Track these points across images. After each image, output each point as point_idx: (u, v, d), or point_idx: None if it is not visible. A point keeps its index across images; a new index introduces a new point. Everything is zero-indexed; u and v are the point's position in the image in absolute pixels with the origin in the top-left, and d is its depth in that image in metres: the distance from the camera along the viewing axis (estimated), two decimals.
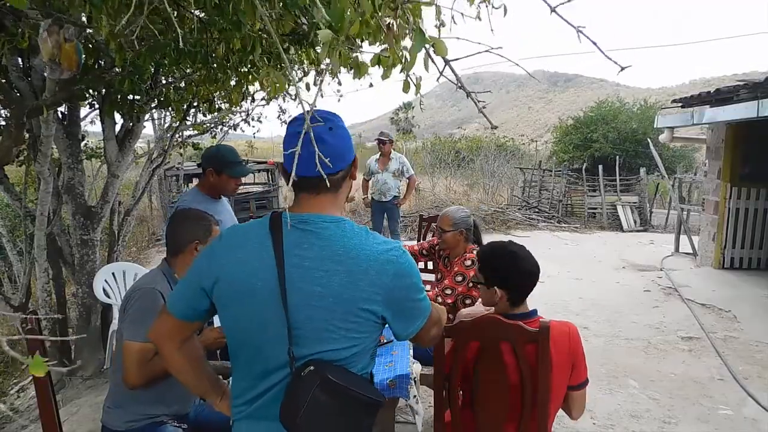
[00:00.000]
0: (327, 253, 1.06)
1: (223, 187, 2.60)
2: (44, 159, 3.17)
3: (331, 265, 1.05)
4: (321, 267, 1.05)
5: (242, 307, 1.07)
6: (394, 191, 5.96)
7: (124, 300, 1.74)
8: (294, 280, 1.04)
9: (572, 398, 1.68)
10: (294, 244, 1.06)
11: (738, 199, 6.19)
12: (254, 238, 1.09)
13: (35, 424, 3.15)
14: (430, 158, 15.52)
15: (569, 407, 1.71)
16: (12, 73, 2.88)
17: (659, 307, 5.10)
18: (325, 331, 1.05)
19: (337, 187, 1.13)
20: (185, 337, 1.19)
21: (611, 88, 61.24)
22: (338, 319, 1.05)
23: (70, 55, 1.92)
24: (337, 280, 1.04)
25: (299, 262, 1.05)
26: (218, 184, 2.58)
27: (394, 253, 1.10)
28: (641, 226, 11.25)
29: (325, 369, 1.03)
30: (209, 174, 2.57)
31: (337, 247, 1.06)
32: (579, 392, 1.68)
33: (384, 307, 1.08)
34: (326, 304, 1.04)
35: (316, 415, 1.00)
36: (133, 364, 1.60)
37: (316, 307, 1.04)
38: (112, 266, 3.76)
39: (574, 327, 1.66)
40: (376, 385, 1.87)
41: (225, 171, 2.54)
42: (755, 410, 3.09)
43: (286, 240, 1.07)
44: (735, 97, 5.26)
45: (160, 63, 2.95)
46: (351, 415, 1.06)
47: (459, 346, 1.65)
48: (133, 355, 1.61)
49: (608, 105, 20.87)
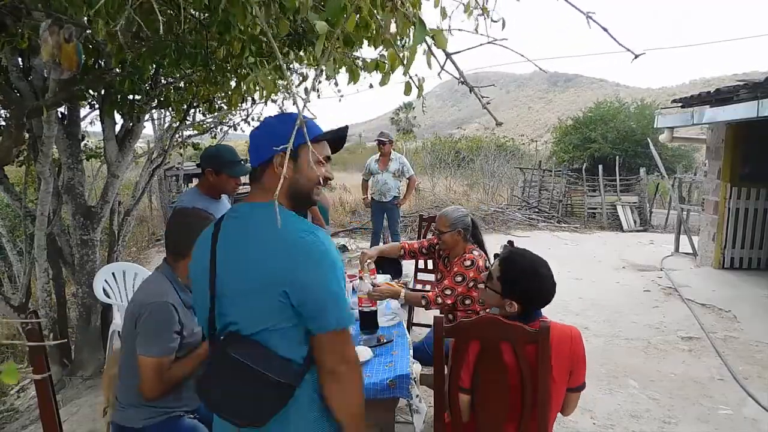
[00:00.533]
0: (242, 237, 1.17)
1: (223, 187, 2.60)
2: (45, 159, 3.17)
3: (244, 247, 1.15)
4: (237, 250, 1.17)
5: (195, 291, 1.27)
6: (394, 191, 5.96)
7: (135, 312, 1.73)
8: (220, 266, 1.19)
9: (568, 398, 1.70)
10: (224, 233, 1.21)
11: (738, 199, 6.19)
12: (206, 232, 1.27)
13: (35, 424, 3.15)
14: (430, 158, 15.53)
15: (563, 406, 1.72)
16: (12, 73, 2.88)
17: (659, 307, 5.10)
18: (235, 305, 1.16)
19: (258, 179, 1.23)
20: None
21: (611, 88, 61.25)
22: (249, 297, 1.14)
23: (70, 55, 1.91)
24: (251, 262, 1.14)
25: (224, 248, 1.19)
26: (218, 184, 2.59)
27: (303, 236, 1.12)
28: (641, 226, 11.25)
29: (230, 343, 1.14)
30: (208, 174, 2.57)
31: (251, 230, 1.16)
32: (575, 394, 1.70)
33: (291, 291, 1.10)
34: (238, 285, 1.15)
35: (216, 383, 1.15)
36: (149, 379, 1.64)
37: (231, 287, 1.16)
38: (112, 266, 3.76)
39: (578, 332, 1.66)
40: (376, 385, 1.87)
41: (224, 171, 2.54)
42: (755, 410, 3.09)
43: (222, 230, 1.22)
44: (735, 97, 5.26)
45: (160, 63, 2.95)
46: (250, 387, 1.11)
47: (459, 346, 1.65)
48: (150, 370, 1.64)
49: (607, 105, 20.89)
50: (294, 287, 1.09)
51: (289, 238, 1.11)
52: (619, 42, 1.01)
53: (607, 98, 22.51)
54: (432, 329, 1.85)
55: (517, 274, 1.70)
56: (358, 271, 2.74)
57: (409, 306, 3.66)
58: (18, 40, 2.36)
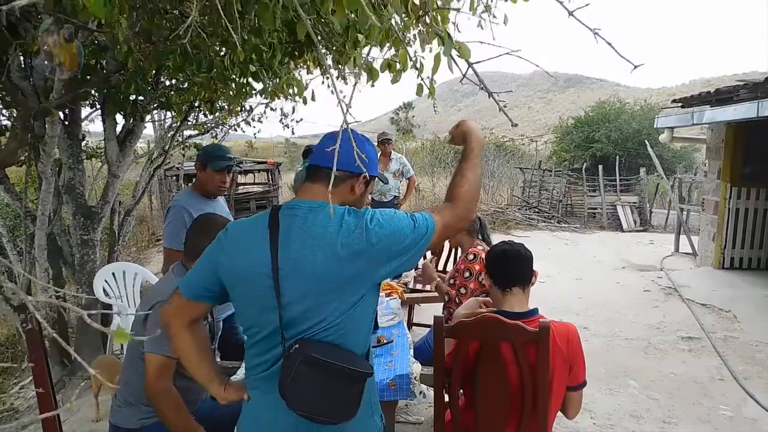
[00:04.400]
0: (308, 235, 1.15)
1: (208, 181, 2.56)
2: (48, 159, 3.17)
3: (312, 244, 1.14)
4: (304, 248, 1.15)
5: (246, 292, 1.20)
6: (394, 191, 5.97)
7: (144, 308, 1.72)
8: (286, 265, 1.15)
9: (569, 398, 1.69)
10: (286, 233, 1.17)
11: (738, 199, 6.19)
12: (256, 229, 1.21)
13: (35, 424, 3.15)
14: (430, 158, 15.52)
15: (565, 407, 1.72)
16: (15, 73, 2.88)
17: (659, 307, 5.10)
18: (310, 310, 1.15)
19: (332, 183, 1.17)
20: (193, 318, 1.29)
21: (611, 88, 61.22)
22: (325, 294, 1.15)
23: (71, 55, 1.91)
24: (321, 257, 1.13)
25: (288, 247, 1.16)
26: (204, 180, 2.56)
27: (356, 216, 1.16)
28: (641, 226, 11.25)
29: (306, 347, 1.13)
30: (198, 169, 2.58)
31: (316, 227, 1.16)
32: (576, 393, 1.69)
33: (374, 266, 1.16)
34: (312, 284, 1.14)
35: (303, 386, 1.13)
36: (156, 377, 1.61)
37: (303, 288, 1.15)
38: (112, 266, 3.76)
39: (574, 328, 1.66)
40: (376, 385, 1.87)
41: (209, 165, 2.52)
42: (755, 410, 3.09)
43: (281, 229, 1.18)
44: (735, 97, 5.26)
45: (163, 65, 2.96)
46: (335, 385, 1.14)
47: (460, 346, 1.65)
48: (156, 367, 1.61)
49: (609, 105, 20.89)
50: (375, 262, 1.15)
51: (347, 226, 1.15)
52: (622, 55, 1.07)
53: (608, 98, 22.50)
54: (432, 329, 1.85)
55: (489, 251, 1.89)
56: None
57: (409, 306, 3.67)
58: (29, 42, 2.37)
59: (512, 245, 1.80)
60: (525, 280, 1.73)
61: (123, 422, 1.74)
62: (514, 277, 1.73)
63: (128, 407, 1.74)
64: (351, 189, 1.26)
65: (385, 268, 1.18)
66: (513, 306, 1.70)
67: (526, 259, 1.76)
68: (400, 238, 1.17)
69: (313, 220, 1.17)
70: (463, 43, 1.15)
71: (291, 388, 1.13)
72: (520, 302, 1.72)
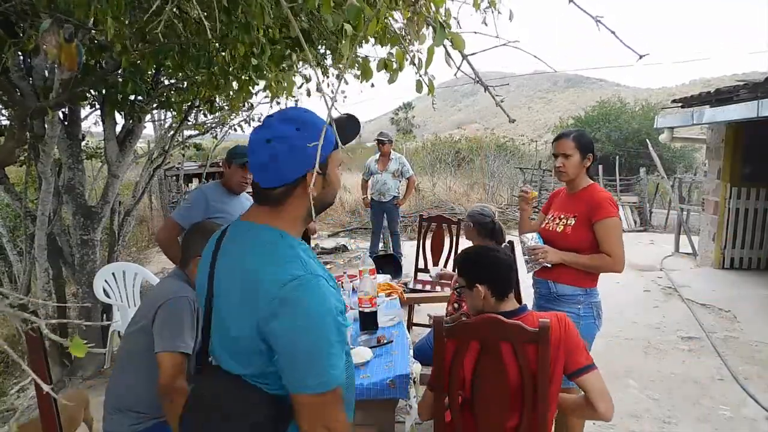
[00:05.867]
0: (234, 265, 1.03)
1: (232, 176, 2.71)
2: (47, 159, 3.17)
3: (233, 277, 1.02)
4: (229, 278, 1.03)
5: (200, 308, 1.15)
6: (394, 191, 5.96)
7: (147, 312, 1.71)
8: (217, 287, 1.06)
9: (584, 387, 1.57)
10: (223, 253, 1.08)
11: (738, 199, 6.19)
12: (210, 244, 1.15)
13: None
14: (430, 158, 15.52)
15: (589, 401, 1.57)
16: (14, 73, 2.88)
17: (659, 307, 5.10)
18: (223, 341, 1.04)
19: (276, 202, 1.03)
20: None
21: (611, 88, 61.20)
22: (232, 333, 1.00)
23: (71, 55, 1.91)
24: (235, 295, 1.00)
25: (221, 270, 1.06)
26: (229, 175, 2.71)
27: (288, 281, 0.94)
28: (641, 226, 11.24)
29: (209, 378, 1.06)
30: (224, 166, 2.75)
31: (241, 260, 1.02)
32: (585, 379, 1.57)
33: (267, 339, 0.95)
34: (226, 316, 1.03)
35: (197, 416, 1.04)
36: (172, 376, 1.59)
37: (222, 316, 1.05)
38: (112, 266, 3.76)
39: (563, 314, 1.66)
40: (376, 385, 1.88)
41: (233, 161, 2.68)
42: (755, 410, 3.09)
43: (222, 248, 1.08)
44: (735, 97, 5.26)
45: (162, 65, 2.96)
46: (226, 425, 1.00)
47: (459, 346, 1.65)
48: (172, 366, 1.60)
49: (610, 105, 20.90)
50: (270, 336, 0.95)
51: (277, 280, 0.95)
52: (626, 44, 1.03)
53: (609, 98, 22.52)
54: (432, 329, 1.85)
55: (463, 257, 1.85)
56: (359, 271, 2.74)
57: (409, 306, 3.67)
58: (24, 41, 2.37)
59: (499, 254, 1.78)
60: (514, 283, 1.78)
61: (115, 429, 1.73)
62: (510, 284, 1.75)
63: (118, 414, 1.73)
64: (305, 192, 1.01)
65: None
66: (507, 308, 1.71)
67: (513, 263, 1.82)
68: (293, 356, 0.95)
69: (242, 253, 1.03)
70: (457, 33, 1.11)
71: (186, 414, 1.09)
72: (512, 303, 1.74)
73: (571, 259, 2.18)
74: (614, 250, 2.14)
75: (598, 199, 2.16)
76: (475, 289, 1.72)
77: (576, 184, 2.27)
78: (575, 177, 2.25)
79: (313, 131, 0.98)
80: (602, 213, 2.13)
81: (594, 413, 1.58)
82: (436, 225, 4.34)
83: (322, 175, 1.04)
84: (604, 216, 2.12)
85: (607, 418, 1.58)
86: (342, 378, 0.98)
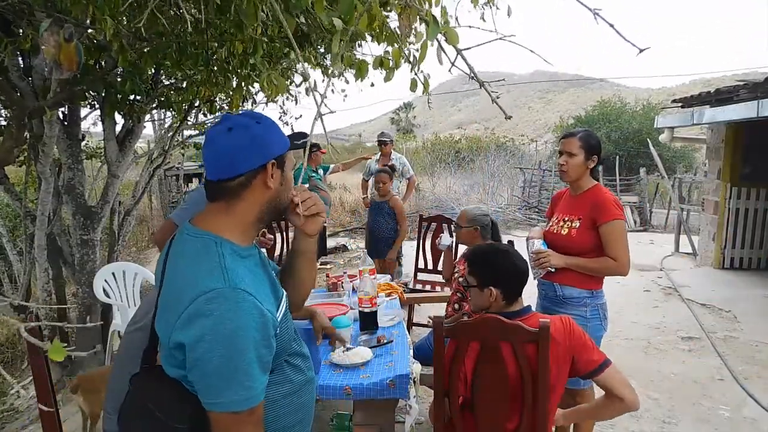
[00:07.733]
0: (171, 271, 1.02)
1: None
2: (46, 159, 3.17)
3: (167, 283, 1.01)
4: (167, 283, 1.02)
5: None
6: (394, 192, 5.95)
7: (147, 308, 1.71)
8: (162, 290, 1.04)
9: (606, 384, 1.57)
10: (170, 256, 1.05)
11: (738, 199, 6.19)
12: (167, 245, 1.12)
13: (35, 424, 3.15)
14: (430, 158, 15.52)
15: (613, 395, 1.56)
16: (13, 73, 2.88)
17: (659, 307, 5.10)
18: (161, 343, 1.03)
19: (231, 196, 1.02)
20: None
21: (611, 88, 61.11)
22: (161, 338, 1.00)
23: (71, 55, 1.91)
24: (163, 301, 1.01)
25: (167, 274, 1.04)
26: None
27: (202, 293, 0.92)
28: (641, 226, 11.24)
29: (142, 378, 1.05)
30: None
31: (174, 267, 1.01)
32: (606, 376, 1.57)
33: (179, 350, 0.94)
34: (157, 320, 1.03)
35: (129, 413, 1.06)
36: None
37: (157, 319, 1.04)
38: (112, 266, 3.76)
39: (567, 318, 1.65)
40: (376, 385, 1.87)
41: None
42: (755, 410, 3.09)
43: (170, 252, 1.06)
44: (735, 97, 5.26)
45: (161, 64, 2.95)
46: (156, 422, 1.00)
47: (459, 346, 1.65)
48: None
49: (610, 105, 20.90)
50: (180, 349, 0.94)
51: (192, 292, 0.93)
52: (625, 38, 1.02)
53: (610, 98, 22.51)
54: (432, 330, 1.85)
55: (480, 256, 1.79)
56: (359, 271, 2.74)
57: (409, 306, 3.66)
58: (20, 40, 2.37)
59: (516, 259, 1.73)
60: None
61: (114, 428, 1.73)
62: (522, 289, 1.74)
63: (117, 413, 1.73)
64: (264, 185, 1.02)
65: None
66: (512, 308, 1.71)
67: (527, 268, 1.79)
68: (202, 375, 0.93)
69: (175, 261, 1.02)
70: (450, 27, 1.10)
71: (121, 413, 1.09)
72: (518, 304, 1.74)
73: (575, 263, 2.16)
74: (620, 253, 2.11)
75: (603, 201, 2.15)
76: (488, 290, 1.70)
77: (580, 185, 2.26)
78: (577, 177, 2.24)
79: (272, 126, 1.05)
80: (608, 215, 2.11)
81: (622, 404, 1.57)
82: (436, 225, 4.34)
83: (280, 170, 1.06)
84: (609, 218, 2.11)
85: (636, 407, 1.58)
86: (260, 398, 0.95)
